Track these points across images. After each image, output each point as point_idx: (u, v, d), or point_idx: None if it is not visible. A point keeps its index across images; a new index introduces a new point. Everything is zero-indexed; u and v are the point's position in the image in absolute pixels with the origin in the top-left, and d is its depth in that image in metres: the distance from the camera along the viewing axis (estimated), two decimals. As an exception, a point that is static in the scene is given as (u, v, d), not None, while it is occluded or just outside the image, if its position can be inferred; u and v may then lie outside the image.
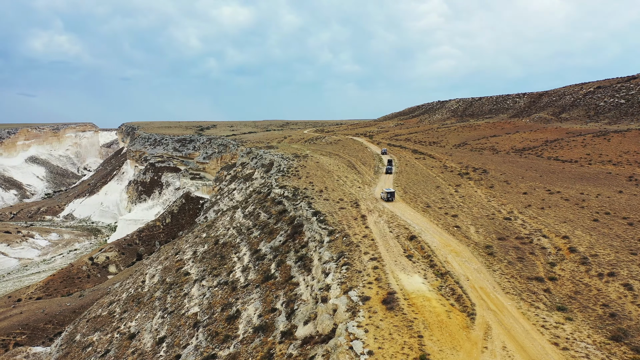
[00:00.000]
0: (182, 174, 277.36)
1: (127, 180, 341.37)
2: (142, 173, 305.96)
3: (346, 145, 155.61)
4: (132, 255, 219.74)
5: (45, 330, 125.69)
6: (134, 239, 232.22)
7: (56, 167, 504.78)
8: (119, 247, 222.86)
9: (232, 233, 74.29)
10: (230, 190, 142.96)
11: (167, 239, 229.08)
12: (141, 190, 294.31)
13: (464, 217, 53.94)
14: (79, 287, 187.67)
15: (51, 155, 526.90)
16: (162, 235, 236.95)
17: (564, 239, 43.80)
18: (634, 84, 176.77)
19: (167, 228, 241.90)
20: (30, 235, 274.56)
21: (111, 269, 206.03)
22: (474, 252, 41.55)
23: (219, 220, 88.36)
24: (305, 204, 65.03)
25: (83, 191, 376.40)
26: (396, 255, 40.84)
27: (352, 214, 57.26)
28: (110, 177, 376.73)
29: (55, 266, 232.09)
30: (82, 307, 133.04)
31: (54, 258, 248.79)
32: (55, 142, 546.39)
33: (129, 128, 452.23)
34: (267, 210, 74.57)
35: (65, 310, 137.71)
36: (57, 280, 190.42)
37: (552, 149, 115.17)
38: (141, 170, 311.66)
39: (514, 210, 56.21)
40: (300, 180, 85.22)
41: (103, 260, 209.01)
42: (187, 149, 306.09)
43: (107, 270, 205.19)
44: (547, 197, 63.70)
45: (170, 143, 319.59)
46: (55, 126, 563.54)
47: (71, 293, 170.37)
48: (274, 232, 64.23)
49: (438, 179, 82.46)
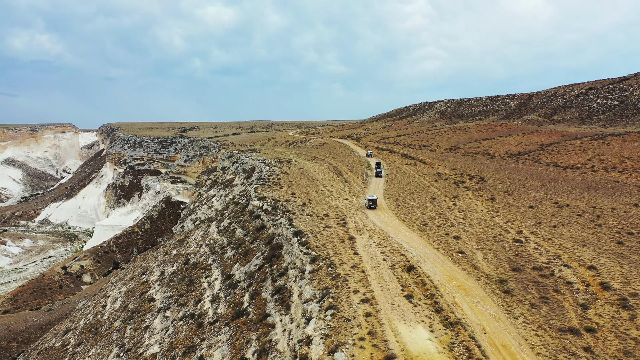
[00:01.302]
0: (163, 178, 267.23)
1: (106, 183, 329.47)
2: (121, 176, 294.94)
3: (332, 148, 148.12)
4: (108, 263, 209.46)
5: (9, 349, 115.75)
6: (110, 246, 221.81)
7: (34, 169, 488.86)
8: (94, 254, 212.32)
9: (205, 251, 66.18)
10: (210, 197, 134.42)
11: (145, 245, 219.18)
12: (120, 195, 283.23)
13: (468, 238, 46.67)
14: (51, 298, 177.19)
15: (29, 157, 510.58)
16: (140, 242, 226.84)
17: (591, 269, 36.74)
18: (627, 85, 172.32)
19: (146, 234, 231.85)
20: (2, 242, 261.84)
21: (85, 278, 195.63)
22: (486, 289, 34.23)
23: (192, 235, 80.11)
24: (285, 220, 57.26)
25: (60, 195, 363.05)
26: (393, 295, 33.31)
27: (339, 234, 49.64)
28: (89, 180, 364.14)
29: (27, 275, 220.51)
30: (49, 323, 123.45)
31: (27, 266, 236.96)
32: (33, 143, 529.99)
33: (109, 129, 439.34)
34: (243, 226, 66.64)
35: (32, 326, 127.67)
36: (26, 292, 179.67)
37: (550, 153, 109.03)
38: (120, 174, 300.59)
39: (524, 230, 49.14)
40: (281, 190, 77.40)
41: (77, 269, 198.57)
42: (168, 151, 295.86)
43: (81, 279, 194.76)
44: (556, 211, 56.85)
45: (151, 145, 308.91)
46: (33, 127, 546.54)
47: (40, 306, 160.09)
48: (249, 253, 56.36)
49: (432, 189, 75.30)
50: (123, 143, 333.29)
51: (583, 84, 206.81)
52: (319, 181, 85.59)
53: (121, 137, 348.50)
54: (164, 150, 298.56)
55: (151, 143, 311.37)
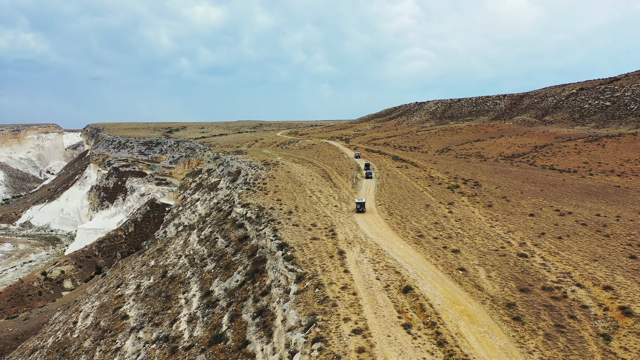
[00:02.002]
0: (148, 179, 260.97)
1: (90, 185, 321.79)
2: (105, 178, 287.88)
3: (321, 150, 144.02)
4: (90, 268, 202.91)
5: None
6: (93, 251, 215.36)
7: (16, 170, 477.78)
8: (76, 259, 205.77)
9: (184, 263, 61.65)
10: (194, 201, 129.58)
11: (129, 249, 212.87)
12: (103, 197, 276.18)
13: (468, 252, 42.83)
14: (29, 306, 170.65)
15: (11, 158, 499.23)
16: (124, 246, 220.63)
17: (607, 290, 33.07)
18: (618, 85, 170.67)
19: (129, 238, 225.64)
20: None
21: (66, 284, 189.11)
22: (493, 315, 30.35)
23: (172, 244, 75.43)
24: (270, 230, 53.01)
25: (43, 197, 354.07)
26: (389, 324, 29.27)
27: (328, 247, 45.52)
28: (72, 182, 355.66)
29: (5, 281, 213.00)
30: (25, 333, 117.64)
31: (6, 271, 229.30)
32: (15, 144, 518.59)
33: (94, 129, 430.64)
34: (225, 235, 62.23)
35: (7, 337, 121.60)
36: (4, 299, 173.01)
37: (544, 155, 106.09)
38: (104, 175, 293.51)
39: (527, 241, 45.46)
40: (267, 196, 73.08)
41: (57, 274, 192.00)
42: (153, 152, 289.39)
43: (61, 285, 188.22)
44: (559, 220, 53.32)
45: (136, 146, 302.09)
46: (15, 127, 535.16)
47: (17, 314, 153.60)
48: (231, 267, 52.02)
49: (426, 194, 71.54)
50: (107, 144, 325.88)
51: (574, 84, 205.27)
52: (306, 186, 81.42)
53: (105, 137, 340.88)
54: (149, 152, 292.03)
55: (136, 144, 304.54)
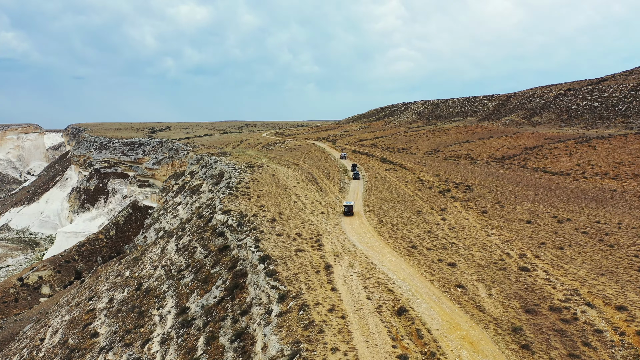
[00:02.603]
0: (130, 181, 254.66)
1: (71, 187, 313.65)
2: (85, 180, 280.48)
3: (307, 152, 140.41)
4: (70, 273, 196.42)
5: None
6: (72, 255, 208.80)
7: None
8: (54, 264, 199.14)
9: (160, 275, 57.60)
10: (175, 205, 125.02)
11: (110, 253, 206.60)
12: (84, 199, 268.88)
13: (465, 265, 39.65)
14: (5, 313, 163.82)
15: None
16: (105, 250, 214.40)
17: (620, 310, 30.07)
18: (606, 86, 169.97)
19: (111, 241, 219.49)
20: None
21: (44, 290, 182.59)
22: (498, 342, 27.11)
23: (149, 252, 71.18)
24: (251, 240, 49.32)
25: (22, 199, 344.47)
26: (382, 355, 25.84)
27: (314, 260, 41.99)
28: (52, 184, 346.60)
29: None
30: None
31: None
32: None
33: (75, 130, 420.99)
34: (205, 245, 58.33)
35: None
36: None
37: (535, 157, 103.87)
38: (85, 177, 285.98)
39: (527, 253, 42.47)
40: (249, 201, 69.28)
41: (35, 280, 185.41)
42: (136, 153, 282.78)
43: (39, 292, 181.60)
44: (558, 228, 50.51)
45: (118, 147, 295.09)
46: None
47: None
48: (209, 280, 48.20)
49: (417, 199, 68.42)
50: (89, 145, 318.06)
51: (561, 85, 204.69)
52: (291, 190, 77.78)
53: (87, 138, 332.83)
54: (131, 153, 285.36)
55: (118, 145, 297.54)
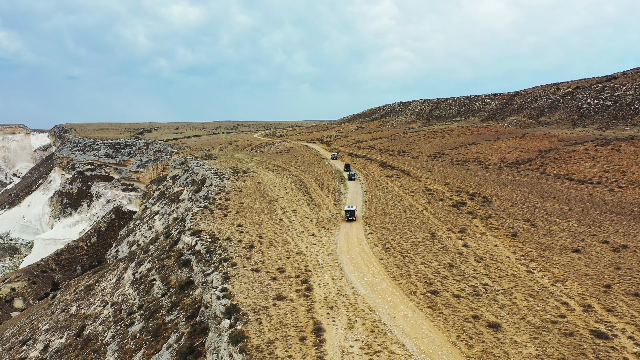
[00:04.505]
0: (114, 185, 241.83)
1: (54, 190, 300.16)
2: (68, 183, 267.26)
3: (299, 155, 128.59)
4: (46, 284, 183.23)
5: None
6: (50, 264, 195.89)
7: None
8: (29, 274, 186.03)
9: (107, 316, 45.65)
10: (152, 214, 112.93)
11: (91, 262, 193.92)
12: (66, 203, 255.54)
13: (514, 327, 27.92)
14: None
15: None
16: (85, 258, 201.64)
17: None
18: (618, 84, 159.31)
19: (92, 249, 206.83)
20: None
21: (17, 303, 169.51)
22: None
23: (103, 281, 59.14)
24: (219, 277, 37.50)
25: (3, 202, 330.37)
26: None
27: (298, 317, 30.18)
28: (35, 187, 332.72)
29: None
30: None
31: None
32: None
33: (61, 130, 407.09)
34: (165, 277, 46.41)
35: None
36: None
37: (554, 162, 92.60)
38: (68, 180, 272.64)
39: (591, 302, 30.87)
40: (226, 218, 57.41)
41: (7, 292, 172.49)
42: (121, 154, 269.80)
43: (11, 305, 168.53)
44: (616, 260, 39.00)
45: (102, 148, 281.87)
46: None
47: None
48: (161, 334, 36.29)
49: (427, 216, 56.80)
50: (72, 146, 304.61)
51: (568, 83, 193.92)
52: (278, 203, 65.95)
53: (71, 139, 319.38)
54: (117, 154, 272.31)
55: (103, 146, 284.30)
